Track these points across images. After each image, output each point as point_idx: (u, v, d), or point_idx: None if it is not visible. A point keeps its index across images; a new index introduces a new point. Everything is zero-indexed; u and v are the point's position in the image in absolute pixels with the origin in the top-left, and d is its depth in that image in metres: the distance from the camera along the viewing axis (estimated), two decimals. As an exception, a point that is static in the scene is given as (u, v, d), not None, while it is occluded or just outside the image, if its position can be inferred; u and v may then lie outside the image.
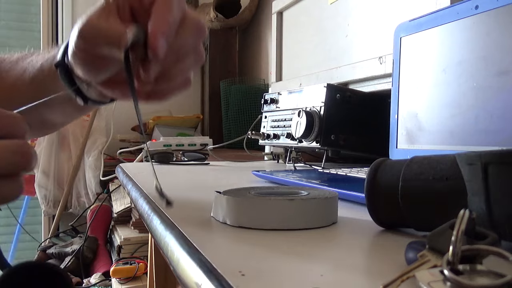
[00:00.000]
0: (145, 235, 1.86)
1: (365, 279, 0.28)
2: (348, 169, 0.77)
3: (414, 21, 0.70)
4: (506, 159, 0.29)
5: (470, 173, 0.32)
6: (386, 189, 0.37)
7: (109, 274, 1.73)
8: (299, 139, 0.93)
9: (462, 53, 0.61)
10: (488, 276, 0.22)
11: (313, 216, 0.40)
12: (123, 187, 0.81)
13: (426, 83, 0.67)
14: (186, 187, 0.70)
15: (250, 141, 1.13)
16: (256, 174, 0.78)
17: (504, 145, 0.53)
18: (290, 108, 1.02)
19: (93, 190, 2.36)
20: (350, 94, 0.92)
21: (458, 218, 0.25)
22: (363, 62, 0.97)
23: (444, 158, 0.35)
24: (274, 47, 1.46)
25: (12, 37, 2.74)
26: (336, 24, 1.12)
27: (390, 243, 0.36)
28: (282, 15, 1.44)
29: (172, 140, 1.38)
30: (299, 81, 1.27)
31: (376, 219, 0.39)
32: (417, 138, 0.68)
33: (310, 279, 0.27)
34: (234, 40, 2.48)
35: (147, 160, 1.17)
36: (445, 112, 0.63)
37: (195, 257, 0.31)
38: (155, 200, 0.54)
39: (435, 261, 0.24)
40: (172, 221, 0.43)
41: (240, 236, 0.38)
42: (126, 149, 2.07)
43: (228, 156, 1.32)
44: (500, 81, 0.54)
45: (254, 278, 0.27)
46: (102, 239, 2.14)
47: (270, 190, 0.46)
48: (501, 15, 0.55)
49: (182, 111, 2.82)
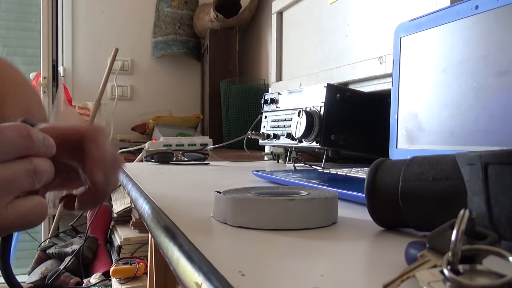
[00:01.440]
0: (145, 235, 1.86)
1: (365, 279, 0.28)
2: (348, 169, 0.77)
3: (414, 21, 0.70)
4: (506, 159, 0.29)
5: (470, 173, 0.32)
6: (386, 189, 0.37)
7: (109, 274, 1.73)
8: (299, 139, 0.93)
9: (462, 53, 0.61)
10: (488, 276, 0.22)
11: (313, 216, 0.40)
12: (123, 187, 0.81)
13: (426, 83, 0.67)
14: (186, 187, 0.70)
15: (250, 141, 1.13)
16: (256, 174, 0.78)
17: (504, 145, 0.53)
18: (290, 108, 1.02)
19: (93, 190, 2.35)
20: (350, 94, 0.92)
21: (458, 218, 0.25)
22: (363, 62, 0.97)
23: (444, 158, 0.35)
24: (274, 47, 1.46)
25: (12, 37, 2.74)
26: (336, 24, 1.12)
27: (390, 243, 0.36)
28: (282, 15, 1.44)
29: (172, 140, 1.38)
30: (299, 81, 1.27)
31: (376, 219, 0.39)
32: (417, 138, 0.68)
33: (310, 279, 0.27)
34: (234, 40, 2.48)
35: (147, 160, 1.17)
36: (445, 112, 0.63)
37: (195, 257, 0.31)
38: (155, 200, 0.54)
39: (435, 261, 0.24)
40: (172, 221, 0.43)
41: (240, 236, 0.38)
42: (126, 149, 2.07)
43: (228, 156, 1.32)
44: (500, 81, 0.54)
45: (254, 278, 0.27)
46: (102, 239, 2.14)
47: (270, 190, 0.46)
48: (501, 15, 0.55)
49: (182, 111, 2.82)
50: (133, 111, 2.76)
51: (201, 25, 2.62)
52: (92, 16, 2.76)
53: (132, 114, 2.73)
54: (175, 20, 2.73)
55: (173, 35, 2.73)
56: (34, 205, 0.34)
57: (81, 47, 2.75)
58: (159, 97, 2.87)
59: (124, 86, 2.81)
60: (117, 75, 2.71)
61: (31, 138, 0.34)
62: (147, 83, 2.86)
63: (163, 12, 2.74)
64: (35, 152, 0.34)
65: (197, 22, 2.66)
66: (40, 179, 0.35)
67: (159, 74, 2.88)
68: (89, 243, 2.04)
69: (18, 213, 0.33)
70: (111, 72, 2.51)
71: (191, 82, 2.93)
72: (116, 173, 0.45)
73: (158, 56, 2.79)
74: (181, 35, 2.73)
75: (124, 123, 2.67)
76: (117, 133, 2.54)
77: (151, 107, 2.76)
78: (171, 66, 2.89)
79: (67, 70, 2.74)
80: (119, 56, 2.53)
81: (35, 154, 0.34)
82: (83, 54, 2.76)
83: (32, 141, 0.34)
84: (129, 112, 2.76)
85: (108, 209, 2.22)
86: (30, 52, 2.76)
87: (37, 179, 0.34)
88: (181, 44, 2.74)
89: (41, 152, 0.35)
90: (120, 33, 2.79)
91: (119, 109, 2.69)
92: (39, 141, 0.34)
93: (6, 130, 0.33)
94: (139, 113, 2.72)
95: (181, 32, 2.73)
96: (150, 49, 2.85)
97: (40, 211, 0.35)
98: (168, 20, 2.73)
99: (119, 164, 0.45)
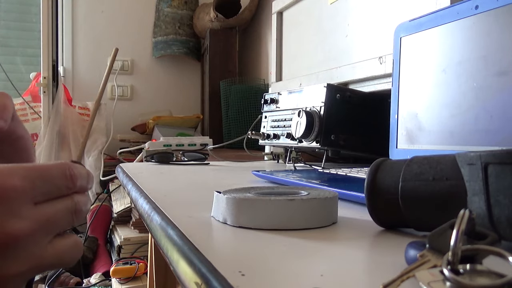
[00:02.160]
0: (145, 235, 1.86)
1: (365, 279, 0.28)
2: (348, 169, 0.77)
3: (414, 21, 0.70)
4: (506, 159, 0.29)
5: (470, 173, 0.32)
6: (386, 189, 0.37)
7: (109, 274, 1.73)
8: (299, 139, 0.93)
9: (462, 53, 0.61)
10: (488, 276, 0.22)
11: (313, 216, 0.40)
12: (123, 187, 0.81)
13: (426, 83, 0.67)
14: (186, 187, 0.70)
15: (250, 141, 1.13)
16: (256, 174, 0.78)
17: (504, 145, 0.53)
18: (290, 108, 1.02)
19: (93, 190, 2.36)
20: (350, 94, 0.92)
21: (458, 218, 0.25)
22: (363, 62, 0.97)
23: (444, 158, 0.35)
24: (274, 47, 1.46)
25: (12, 37, 2.74)
26: (336, 24, 1.12)
27: (390, 243, 0.36)
28: (282, 15, 1.44)
29: (172, 140, 1.38)
30: (299, 81, 1.27)
31: (376, 219, 0.39)
32: (417, 138, 0.68)
33: (310, 279, 0.27)
34: (234, 40, 2.48)
35: (147, 160, 1.17)
36: (445, 112, 0.63)
37: (195, 257, 0.31)
38: (155, 200, 0.54)
39: (435, 261, 0.24)
40: (172, 221, 0.43)
41: (240, 236, 0.38)
42: (126, 149, 2.07)
43: (228, 156, 1.32)
44: (500, 81, 0.54)
45: (254, 278, 0.27)
46: (102, 239, 2.14)
47: (270, 190, 0.46)
48: (501, 15, 0.55)
49: (182, 111, 2.82)
50: (133, 111, 2.76)
51: (201, 25, 2.62)
52: (92, 16, 2.76)
53: (132, 114, 2.73)
54: (175, 20, 2.73)
55: (173, 35, 2.73)
56: (71, 245, 0.34)
57: (81, 47, 2.75)
58: (159, 97, 2.87)
59: (124, 86, 2.81)
60: (117, 75, 2.71)
61: (74, 178, 0.34)
62: (147, 83, 2.86)
63: (163, 12, 2.74)
64: (76, 190, 0.34)
65: (197, 22, 2.66)
66: (79, 218, 0.34)
67: (159, 74, 2.88)
68: (89, 243, 2.04)
69: (57, 253, 0.32)
70: (111, 72, 2.51)
71: (191, 82, 2.93)
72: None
73: (158, 56, 2.79)
74: (181, 35, 2.73)
75: (124, 123, 2.67)
76: (117, 133, 2.54)
77: (151, 107, 2.76)
78: (171, 66, 2.89)
79: (67, 70, 2.74)
80: (119, 56, 2.53)
81: (76, 192, 0.34)
82: (83, 54, 2.76)
83: (75, 182, 0.34)
84: (129, 112, 2.76)
85: (108, 209, 2.22)
86: (30, 52, 2.76)
87: (76, 218, 0.34)
88: (181, 44, 2.74)
89: (82, 189, 0.35)
90: (120, 33, 2.79)
91: (119, 109, 2.69)
92: (81, 179, 0.35)
93: (51, 169, 0.33)
94: (139, 113, 2.72)
95: (181, 32, 2.73)
96: (150, 49, 2.85)
97: (76, 251, 0.34)
98: (168, 20, 2.73)
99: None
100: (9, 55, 2.72)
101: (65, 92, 2.52)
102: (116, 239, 1.97)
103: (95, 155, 2.42)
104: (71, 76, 2.74)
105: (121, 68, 2.76)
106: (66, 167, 0.34)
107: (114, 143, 2.50)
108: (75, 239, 0.34)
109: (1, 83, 2.65)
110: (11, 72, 2.62)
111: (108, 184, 2.32)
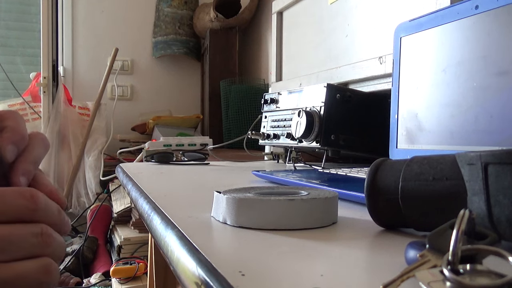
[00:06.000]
0: (145, 235, 1.86)
1: (365, 279, 0.28)
2: (348, 169, 0.77)
3: (414, 21, 0.70)
4: (506, 159, 0.29)
5: (470, 173, 0.32)
6: (386, 189, 0.37)
7: (109, 274, 1.73)
8: (299, 139, 0.93)
9: (462, 53, 0.61)
10: (488, 276, 0.22)
11: (313, 216, 0.40)
12: (123, 187, 0.81)
13: (426, 83, 0.67)
14: (186, 187, 0.70)
15: (250, 141, 1.13)
16: (256, 174, 0.78)
17: (504, 145, 0.53)
18: (290, 108, 1.02)
19: (93, 190, 2.36)
20: (350, 94, 0.92)
21: (458, 218, 0.25)
22: (363, 62, 0.97)
23: (444, 158, 0.35)
24: (274, 47, 1.46)
25: (12, 37, 2.74)
26: (336, 24, 1.12)
27: (390, 243, 0.36)
28: (282, 15, 1.44)
29: (172, 140, 1.38)
30: (299, 81, 1.27)
31: (376, 219, 0.39)
32: (417, 138, 0.68)
33: (310, 279, 0.27)
34: (234, 40, 2.48)
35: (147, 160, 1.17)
36: (445, 112, 0.63)
37: (195, 257, 0.31)
38: (155, 200, 0.54)
39: (435, 261, 0.24)
40: (172, 221, 0.43)
41: (240, 236, 0.38)
42: (126, 149, 2.07)
43: (228, 156, 1.32)
44: (500, 81, 0.54)
45: (254, 278, 0.27)
46: (102, 239, 2.14)
47: (270, 190, 0.46)
48: (501, 15, 0.55)
49: (182, 111, 2.82)
50: (133, 111, 2.76)
51: (201, 25, 2.62)
52: (92, 16, 2.76)
53: (132, 114, 2.73)
54: (175, 20, 2.73)
55: (173, 35, 2.73)
56: (37, 269, 0.33)
57: (81, 47, 2.75)
58: (159, 97, 2.87)
59: (124, 86, 2.81)
60: (117, 75, 2.71)
61: (36, 199, 0.34)
62: (147, 83, 2.86)
63: (163, 12, 2.74)
64: (44, 217, 0.34)
65: (197, 22, 2.66)
66: (48, 244, 0.34)
67: (159, 74, 2.88)
68: (89, 243, 2.04)
69: (16, 275, 0.32)
70: (111, 72, 2.51)
71: (191, 82, 2.93)
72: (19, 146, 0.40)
73: (158, 56, 2.79)
74: (181, 35, 2.73)
75: (124, 123, 2.68)
76: (117, 133, 2.54)
77: (151, 107, 2.76)
78: (171, 66, 2.89)
79: (67, 70, 2.74)
80: (119, 56, 2.53)
81: (40, 220, 0.34)
82: (83, 54, 2.76)
83: (37, 202, 0.34)
84: (129, 112, 2.76)
85: (108, 209, 2.22)
86: (30, 52, 2.76)
87: (44, 242, 0.34)
88: (181, 44, 2.74)
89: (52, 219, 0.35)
90: (120, 33, 2.79)
91: (119, 109, 2.69)
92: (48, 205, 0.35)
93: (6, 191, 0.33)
94: (139, 113, 2.72)
95: (181, 32, 2.73)
96: (150, 49, 2.85)
97: (45, 276, 0.34)
98: (168, 20, 2.73)
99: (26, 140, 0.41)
100: (9, 55, 2.72)
101: (65, 92, 2.52)
102: (116, 239, 1.97)
103: (95, 155, 2.42)
104: (71, 76, 2.74)
105: (121, 68, 2.76)
106: (26, 190, 0.34)
107: (114, 143, 2.51)
108: (45, 263, 0.34)
109: (1, 83, 2.65)
110: (11, 72, 2.62)
111: (108, 184, 2.32)
